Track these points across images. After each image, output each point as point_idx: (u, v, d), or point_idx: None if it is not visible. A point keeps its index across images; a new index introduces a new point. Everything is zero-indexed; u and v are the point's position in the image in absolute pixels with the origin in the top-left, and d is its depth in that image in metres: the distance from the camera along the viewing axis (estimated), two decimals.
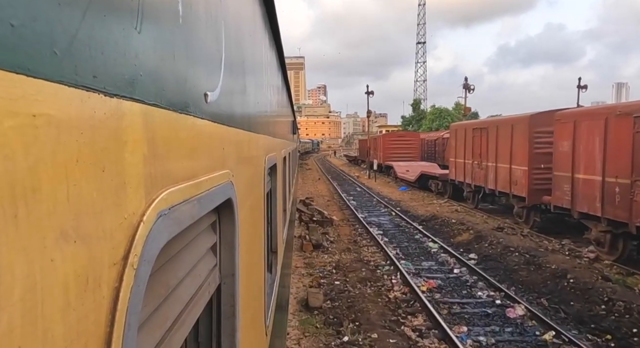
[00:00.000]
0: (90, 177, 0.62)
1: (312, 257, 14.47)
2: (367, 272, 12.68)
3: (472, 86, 33.78)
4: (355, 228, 19.17)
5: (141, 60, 0.80)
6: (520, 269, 12.27)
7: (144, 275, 0.76)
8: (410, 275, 12.36)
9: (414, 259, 14.34)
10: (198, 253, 1.33)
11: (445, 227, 18.51)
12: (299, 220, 20.49)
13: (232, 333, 1.61)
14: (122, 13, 0.73)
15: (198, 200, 1.10)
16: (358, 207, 25.20)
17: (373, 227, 19.35)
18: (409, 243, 16.52)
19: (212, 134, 1.36)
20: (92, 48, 0.62)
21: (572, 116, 13.39)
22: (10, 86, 0.47)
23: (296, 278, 12.27)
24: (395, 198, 28.41)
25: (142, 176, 0.80)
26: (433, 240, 16.38)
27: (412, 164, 37.74)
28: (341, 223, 20.37)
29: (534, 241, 14.90)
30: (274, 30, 4.09)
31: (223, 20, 1.53)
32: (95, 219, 0.63)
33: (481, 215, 20.34)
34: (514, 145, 16.65)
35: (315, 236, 15.79)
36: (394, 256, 14.22)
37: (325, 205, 25.72)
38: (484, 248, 14.71)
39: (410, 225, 19.40)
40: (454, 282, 11.97)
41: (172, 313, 1.05)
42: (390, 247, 15.62)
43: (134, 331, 0.73)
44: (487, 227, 17.10)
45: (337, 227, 19.47)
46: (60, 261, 0.54)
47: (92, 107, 0.62)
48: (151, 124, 0.84)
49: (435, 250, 15.23)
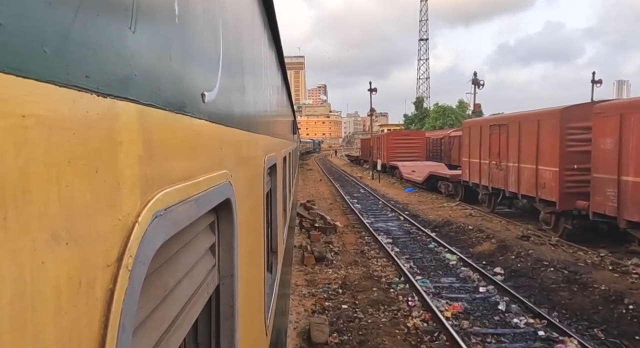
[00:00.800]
0: (83, 178, 0.61)
1: (314, 272, 12.65)
2: (378, 291, 10.86)
3: (481, 81, 32.01)
4: (362, 236, 17.35)
5: (136, 60, 0.79)
6: (559, 289, 10.44)
7: (139, 276, 0.76)
8: (430, 295, 10.55)
9: (431, 274, 12.52)
10: (196, 254, 1.32)
11: (461, 235, 16.69)
12: (299, 227, 18.71)
13: (231, 333, 1.61)
14: (116, 13, 0.72)
15: (195, 200, 1.09)
16: (363, 211, 23.37)
17: (381, 234, 17.53)
18: (423, 254, 14.69)
19: (210, 134, 1.35)
20: (85, 48, 0.62)
21: (617, 108, 11.50)
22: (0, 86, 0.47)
23: (296, 300, 10.46)
24: (402, 201, 26.58)
25: (137, 177, 0.79)
26: (450, 250, 14.57)
27: (418, 163, 35.94)
28: (346, 230, 18.55)
29: (568, 253, 13.06)
30: (273, 29, 3.97)
31: (221, 19, 1.53)
32: (88, 221, 0.62)
33: (499, 220, 18.49)
34: (542, 143, 14.76)
35: (318, 247, 13.97)
36: (408, 270, 12.40)
37: (327, 209, 23.94)
38: (510, 260, 12.88)
39: (422, 232, 17.57)
40: (482, 305, 10.14)
41: (170, 314, 1.04)
42: (402, 259, 13.81)
43: (128, 332, 0.72)
44: (510, 235, 15.26)
45: (342, 235, 17.65)
46: (52, 263, 0.54)
47: (84, 107, 0.61)
48: (147, 124, 0.83)
49: (453, 262, 13.42)
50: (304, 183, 37.92)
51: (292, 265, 12.82)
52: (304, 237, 17.09)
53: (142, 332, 0.87)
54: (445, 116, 73.64)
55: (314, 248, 13.92)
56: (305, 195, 29.78)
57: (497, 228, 16.60)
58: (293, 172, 13.62)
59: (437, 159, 40.70)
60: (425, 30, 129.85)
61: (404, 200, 26.77)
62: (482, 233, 16.01)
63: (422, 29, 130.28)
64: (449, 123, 71.72)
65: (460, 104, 76.60)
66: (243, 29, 2.17)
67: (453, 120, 72.51)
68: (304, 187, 35.09)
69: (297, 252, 14.88)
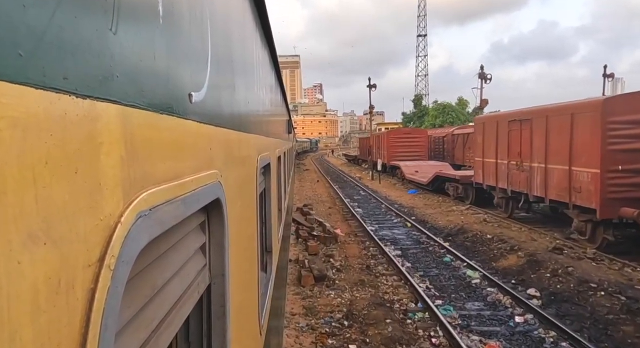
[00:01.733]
0: (62, 179, 0.61)
1: (313, 296, 10.62)
2: (393, 324, 8.82)
3: (488, 75, 29.79)
4: (366, 246, 15.32)
5: (117, 61, 0.78)
6: (619, 321, 8.43)
7: (122, 275, 0.76)
8: (457, 329, 8.55)
9: (453, 297, 10.51)
10: (186, 253, 1.32)
11: (479, 245, 14.69)
12: (295, 236, 16.68)
13: (222, 332, 1.61)
14: (96, 14, 0.72)
15: (182, 200, 1.10)
16: (365, 216, 21.36)
17: (388, 244, 15.52)
18: (439, 269, 12.68)
19: (197, 134, 1.34)
20: (62, 50, 0.62)
21: None
22: None
23: (292, 337, 8.44)
24: (407, 204, 24.59)
25: (120, 177, 0.79)
26: (469, 264, 12.57)
27: (421, 163, 33.99)
28: (348, 239, 16.53)
29: (613, 270, 11.07)
30: (265, 27, 3.91)
31: (209, 18, 1.51)
32: (67, 221, 0.62)
33: (519, 227, 16.49)
34: (576, 141, 12.69)
35: (318, 264, 11.93)
36: (425, 292, 10.40)
37: (326, 214, 21.95)
38: (545, 279, 10.88)
39: (434, 242, 15.56)
40: (522, 341, 8.14)
41: (158, 312, 1.04)
42: (416, 277, 11.80)
43: (111, 331, 0.72)
44: (538, 247, 13.27)
45: (344, 246, 15.63)
46: (28, 263, 0.54)
47: (62, 108, 0.61)
48: (129, 125, 0.83)
49: (476, 281, 11.41)
50: (300, 185, 35.89)
51: (287, 286, 10.82)
52: (301, 249, 15.07)
53: (130, 330, 0.87)
54: (445, 114, 71.87)
55: (312, 264, 11.88)
56: (302, 198, 27.75)
57: (521, 238, 14.58)
58: (289, 172, 13.11)
59: (439, 158, 38.79)
60: (423, 26, 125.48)
61: (409, 203, 24.76)
62: (504, 243, 14.02)
63: (420, 25, 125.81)
64: (449, 121, 69.94)
65: (460, 101, 74.82)
66: (233, 28, 2.15)
67: (453, 118, 70.75)
68: (301, 189, 33.06)
69: (292, 267, 12.85)
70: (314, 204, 25.02)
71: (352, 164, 64.82)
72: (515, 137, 16.42)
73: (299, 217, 20.77)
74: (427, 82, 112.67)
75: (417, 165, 32.98)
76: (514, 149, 16.40)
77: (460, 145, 35.65)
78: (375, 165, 39.39)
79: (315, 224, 19.43)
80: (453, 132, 38.14)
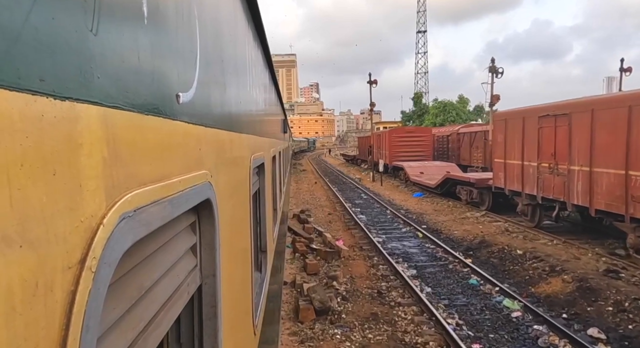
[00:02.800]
0: (38, 181, 0.61)
1: (314, 337, 8.32)
2: None
3: (499, 69, 27.31)
4: (374, 264, 13.02)
5: (98, 62, 0.77)
6: None
7: (105, 277, 0.75)
8: None
9: (492, 338, 8.23)
10: (176, 254, 1.30)
11: (509, 263, 12.41)
12: (292, 249, 14.39)
13: (214, 333, 1.59)
14: (74, 14, 0.71)
15: (170, 201, 1.09)
16: (370, 223, 19.07)
17: (399, 261, 13.24)
18: (466, 296, 10.40)
19: (186, 134, 1.32)
20: (38, 51, 0.61)
21: None
22: None
23: None
24: (414, 210, 22.32)
25: (102, 179, 0.78)
26: (503, 289, 10.30)
27: (426, 164, 31.77)
28: (352, 253, 14.23)
29: None
30: (257, 26, 3.85)
31: (197, 17, 1.49)
32: (45, 223, 0.62)
33: (550, 239, 14.24)
34: (635, 140, 10.52)
35: (319, 293, 9.59)
36: (457, 333, 8.12)
37: (326, 222, 19.70)
38: (608, 315, 8.62)
39: (453, 258, 13.28)
40: None
41: (146, 314, 1.04)
42: (440, 307, 9.54)
43: (93, 334, 0.72)
44: (585, 267, 10.99)
45: (348, 262, 13.35)
46: (2, 266, 0.53)
47: (39, 110, 0.61)
48: (111, 126, 0.82)
49: (517, 314, 9.14)
50: (297, 187, 33.58)
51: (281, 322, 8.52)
52: (299, 267, 12.76)
53: (116, 331, 0.87)
54: (446, 112, 69.68)
55: (312, 293, 9.56)
56: (300, 202, 25.47)
57: (561, 255, 12.27)
58: (284, 172, 12.67)
59: (443, 158, 36.64)
60: (423, 22, 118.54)
61: (417, 209, 22.50)
62: (541, 261, 11.75)
63: (420, 21, 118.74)
64: (449, 119, 67.81)
65: (461, 99, 72.68)
66: (223, 27, 2.13)
67: (454, 117, 68.64)
68: (298, 191, 30.75)
69: (288, 293, 10.56)
70: (312, 209, 22.77)
71: (351, 164, 62.55)
72: (547, 135, 14.10)
73: (296, 225, 18.52)
74: (427, 80, 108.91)
75: (422, 166, 30.77)
76: (546, 149, 14.08)
77: (467, 144, 33.45)
78: (376, 165, 37.17)
79: (314, 234, 17.15)
80: (458, 131, 35.97)
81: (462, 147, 34.96)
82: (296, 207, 23.09)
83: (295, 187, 33.23)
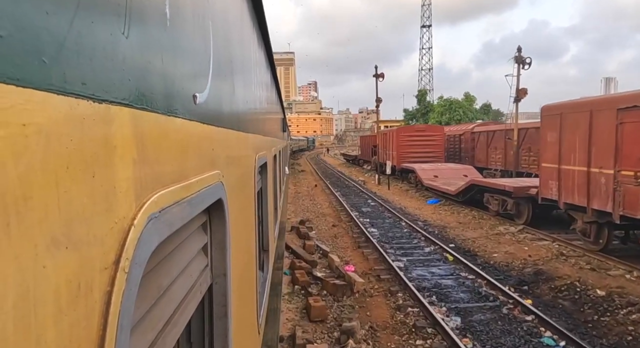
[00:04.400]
0: (81, 183, 0.62)
1: None
2: None
3: (526, 59, 23.41)
4: (400, 305, 9.61)
5: (129, 64, 0.79)
6: None
7: (136, 278, 0.76)
8: None
9: None
10: (190, 254, 1.31)
11: (591, 310, 8.89)
12: (290, 277, 11.05)
13: (224, 332, 1.59)
14: (110, 18, 0.72)
15: (188, 202, 1.09)
16: (383, 239, 15.70)
17: (433, 299, 9.89)
18: None
19: (201, 135, 1.33)
20: (81, 55, 0.62)
21: None
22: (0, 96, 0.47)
23: None
24: (433, 221, 18.93)
25: (132, 180, 0.79)
26: None
27: (440, 166, 28.48)
28: (368, 286, 10.88)
29: None
30: (261, 26, 3.85)
31: (210, 20, 1.50)
32: (86, 225, 0.63)
33: (625, 268, 10.91)
34: None
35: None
36: None
37: (330, 236, 16.40)
38: None
39: (504, 296, 9.90)
40: None
41: (164, 314, 1.03)
42: None
43: (126, 333, 0.72)
44: None
45: (364, 300, 10.00)
46: (52, 268, 0.55)
47: (81, 113, 0.62)
48: (140, 127, 0.83)
49: None
50: (296, 190, 30.22)
51: None
52: (298, 309, 9.40)
53: (139, 331, 0.86)
54: (452, 110, 66.33)
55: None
56: (299, 210, 22.15)
57: None
58: (284, 170, 12.46)
59: (454, 159, 33.37)
60: (428, 16, 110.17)
61: (436, 220, 19.12)
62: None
63: (425, 15, 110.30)
64: (456, 118, 64.51)
65: (467, 97, 69.35)
66: (233, 29, 2.14)
67: (461, 115, 65.36)
68: (297, 196, 27.39)
69: None
70: (314, 219, 19.47)
71: (352, 164, 59.19)
72: (633, 133, 10.71)
73: (295, 241, 15.09)
74: (432, 77, 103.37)
75: (436, 169, 27.47)
76: (630, 151, 10.69)
77: (483, 144, 30.17)
78: (381, 167, 33.88)
79: (317, 254, 13.75)
80: (473, 130, 32.71)
81: (477, 148, 31.68)
82: (295, 216, 19.78)
83: (293, 190, 29.88)
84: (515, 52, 23.66)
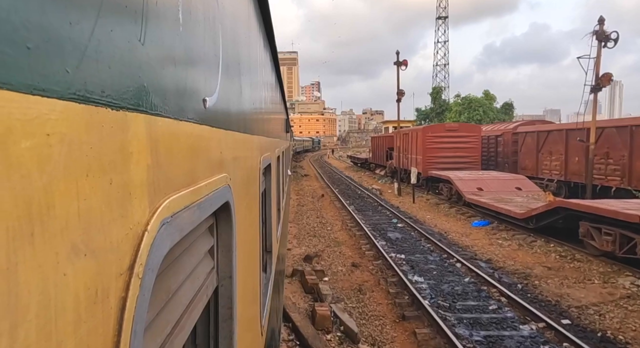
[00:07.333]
0: (99, 190, 0.62)
1: None
2: None
3: (611, 34, 17.56)
4: None
5: (144, 71, 0.79)
6: None
7: (149, 283, 0.76)
8: None
9: None
10: (197, 257, 1.30)
11: None
12: None
13: (229, 335, 1.59)
14: (128, 26, 0.72)
15: (198, 205, 1.10)
16: (441, 301, 9.72)
17: None
18: None
19: (210, 138, 1.34)
20: (100, 63, 0.63)
21: None
22: (26, 107, 0.48)
23: None
24: (502, 262, 12.75)
25: (146, 186, 0.79)
26: None
27: (481, 175, 22.49)
28: None
29: None
30: (267, 28, 3.88)
31: (220, 24, 1.51)
32: (103, 231, 0.63)
33: None
34: None
35: None
36: None
37: (353, 290, 10.44)
38: None
39: None
40: None
41: (172, 317, 1.04)
42: None
43: (140, 338, 0.72)
44: None
45: None
46: (72, 275, 0.55)
47: (100, 121, 0.63)
48: (154, 133, 0.83)
49: None
50: (299, 202, 24.30)
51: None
52: None
53: (148, 336, 0.86)
54: (472, 109, 60.28)
55: None
56: (303, 234, 16.30)
57: None
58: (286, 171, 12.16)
59: (490, 165, 27.39)
60: (444, 7, 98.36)
61: (505, 260, 12.95)
62: None
63: (441, 5, 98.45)
64: (475, 118, 58.47)
65: (487, 95, 63.32)
66: (241, 32, 2.14)
67: (481, 115, 59.32)
68: (300, 211, 21.47)
69: None
70: (324, 251, 13.48)
71: (360, 168, 53.08)
72: None
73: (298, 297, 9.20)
74: (448, 73, 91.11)
75: (478, 179, 21.50)
76: None
77: (532, 148, 24.19)
78: (401, 174, 27.96)
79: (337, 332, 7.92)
80: (516, 130, 26.59)
81: (521, 152, 25.66)
82: (298, 244, 13.95)
83: (296, 201, 23.91)
84: (596, 24, 17.56)
